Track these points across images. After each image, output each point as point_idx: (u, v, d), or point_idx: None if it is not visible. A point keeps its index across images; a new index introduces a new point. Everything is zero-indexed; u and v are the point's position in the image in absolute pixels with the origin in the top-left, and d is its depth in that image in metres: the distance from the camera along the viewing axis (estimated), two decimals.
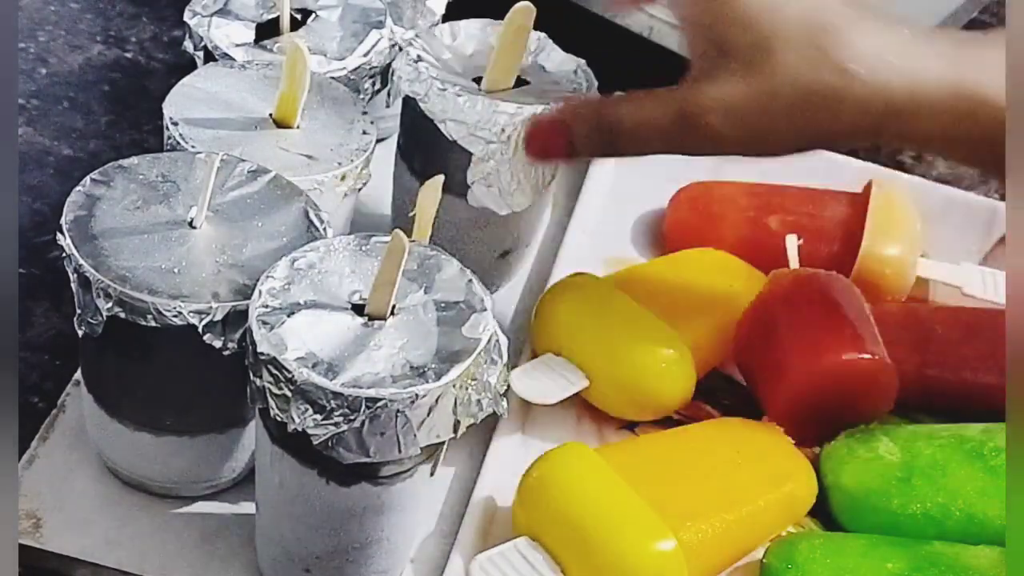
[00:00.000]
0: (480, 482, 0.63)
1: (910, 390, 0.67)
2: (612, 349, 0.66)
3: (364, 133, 0.64)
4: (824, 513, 0.65)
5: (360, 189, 0.63)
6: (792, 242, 0.68)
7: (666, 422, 0.68)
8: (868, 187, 0.76)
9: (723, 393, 0.70)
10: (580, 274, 0.70)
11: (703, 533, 0.59)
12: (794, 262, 0.68)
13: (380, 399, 0.50)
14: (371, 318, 0.53)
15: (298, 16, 0.71)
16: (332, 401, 0.50)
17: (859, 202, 0.76)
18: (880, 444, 0.64)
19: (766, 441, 0.65)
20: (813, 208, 0.77)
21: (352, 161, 0.62)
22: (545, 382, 0.66)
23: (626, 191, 0.80)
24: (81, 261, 0.54)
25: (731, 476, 0.62)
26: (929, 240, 0.78)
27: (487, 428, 0.65)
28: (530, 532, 0.59)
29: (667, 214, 0.78)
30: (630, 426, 0.68)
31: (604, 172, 0.80)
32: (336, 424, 0.50)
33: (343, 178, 0.62)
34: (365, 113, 0.65)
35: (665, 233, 0.78)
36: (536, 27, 0.64)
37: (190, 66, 0.67)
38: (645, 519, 0.58)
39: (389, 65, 0.70)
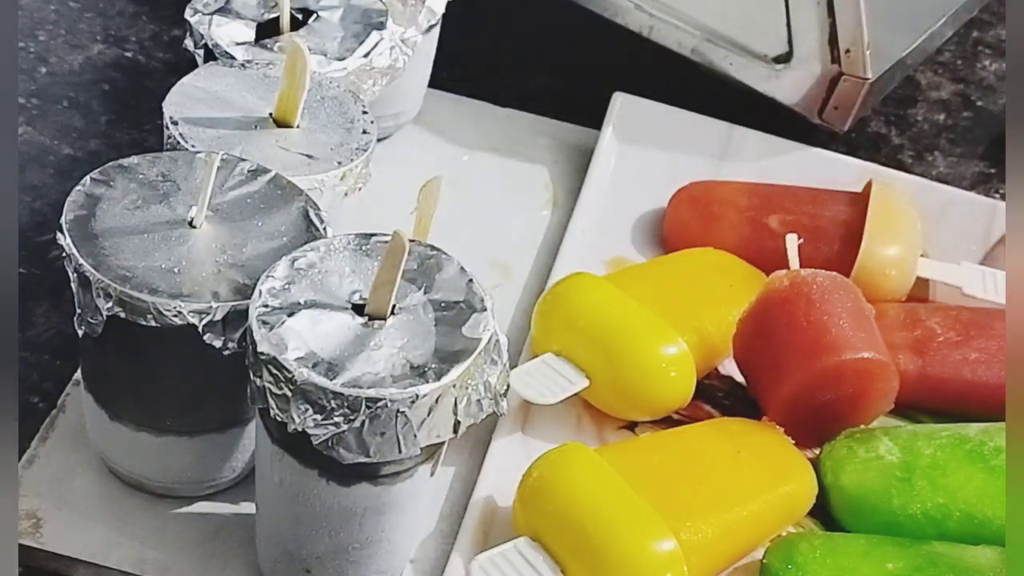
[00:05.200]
0: (480, 482, 0.63)
1: (910, 390, 0.67)
2: (612, 349, 0.66)
3: (364, 132, 0.64)
4: (824, 513, 0.65)
5: (360, 189, 0.63)
6: (792, 242, 0.68)
7: (666, 422, 0.68)
8: (868, 187, 0.76)
9: (723, 393, 0.70)
10: (580, 274, 0.69)
11: (703, 533, 0.59)
12: (794, 262, 0.68)
13: (380, 399, 0.50)
14: (371, 318, 0.53)
15: (299, 16, 0.71)
16: (332, 401, 0.50)
17: (859, 202, 0.76)
18: (880, 444, 0.64)
19: (766, 441, 0.65)
20: (813, 208, 0.76)
21: (352, 160, 0.62)
22: (545, 382, 0.65)
23: (626, 191, 0.80)
24: (81, 261, 0.54)
25: (731, 476, 0.62)
26: (929, 240, 0.78)
27: (487, 428, 0.65)
28: (530, 532, 0.59)
29: (667, 214, 0.78)
30: (630, 426, 0.68)
31: (604, 172, 0.80)
32: (336, 424, 0.50)
33: (343, 178, 0.62)
34: (365, 112, 0.65)
35: (665, 233, 0.78)
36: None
37: (190, 65, 0.67)
38: (645, 519, 0.58)
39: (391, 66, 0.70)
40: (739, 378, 0.70)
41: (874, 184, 0.76)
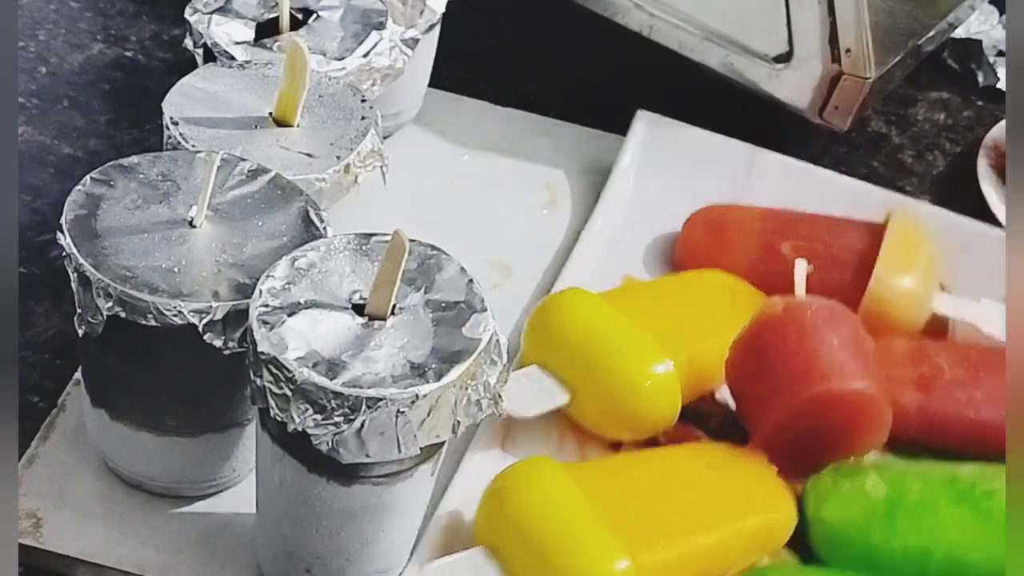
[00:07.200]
0: (449, 492, 0.61)
1: (912, 427, 0.66)
2: (596, 363, 0.64)
3: (363, 119, 0.64)
4: (804, 546, 0.62)
5: (371, 170, 0.63)
6: (800, 268, 0.66)
7: (652, 444, 0.66)
8: (889, 217, 0.75)
9: (713, 417, 0.68)
10: (572, 289, 0.68)
11: (661, 556, 0.58)
12: (800, 288, 0.66)
13: (380, 399, 0.50)
14: (371, 318, 0.53)
15: (299, 16, 0.71)
16: (332, 401, 0.50)
17: (878, 232, 0.73)
18: (867, 479, 0.62)
19: (746, 468, 0.63)
20: (829, 236, 0.74)
21: (351, 150, 0.62)
22: (525, 394, 0.64)
23: (643, 211, 0.78)
24: (81, 260, 0.54)
25: (702, 500, 0.61)
26: (954, 274, 0.75)
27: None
28: (489, 542, 0.58)
29: (680, 235, 0.77)
30: (614, 447, 0.66)
31: (623, 190, 0.79)
32: (336, 424, 0.50)
33: (347, 169, 0.62)
34: (364, 101, 0.65)
35: (677, 254, 0.77)
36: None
37: (190, 65, 0.67)
38: (599, 539, 0.56)
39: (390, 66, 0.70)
40: (731, 403, 0.68)
41: (894, 214, 0.74)
